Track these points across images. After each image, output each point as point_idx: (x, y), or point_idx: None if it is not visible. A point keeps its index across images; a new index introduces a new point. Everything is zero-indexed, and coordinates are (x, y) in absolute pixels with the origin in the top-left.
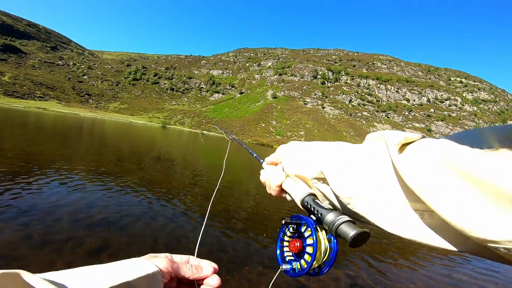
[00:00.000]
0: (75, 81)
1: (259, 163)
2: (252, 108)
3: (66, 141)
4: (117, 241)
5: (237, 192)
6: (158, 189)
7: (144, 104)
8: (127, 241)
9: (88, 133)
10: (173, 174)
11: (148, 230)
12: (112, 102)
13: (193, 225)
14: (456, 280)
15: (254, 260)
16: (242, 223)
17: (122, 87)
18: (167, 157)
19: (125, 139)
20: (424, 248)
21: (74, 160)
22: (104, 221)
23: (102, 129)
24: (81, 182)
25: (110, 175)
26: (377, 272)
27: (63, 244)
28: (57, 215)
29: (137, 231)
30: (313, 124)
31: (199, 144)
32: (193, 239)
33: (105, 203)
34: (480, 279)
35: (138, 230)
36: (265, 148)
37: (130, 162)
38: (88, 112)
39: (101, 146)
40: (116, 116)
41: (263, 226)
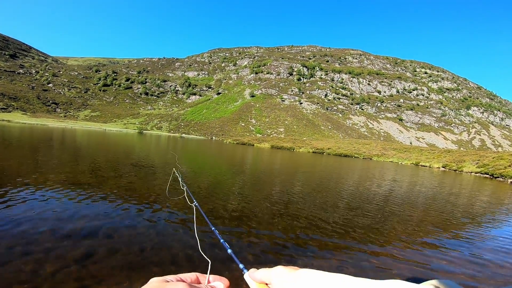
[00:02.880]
0: (40, 90)
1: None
2: (230, 108)
3: (36, 153)
4: (100, 251)
5: (221, 192)
6: (139, 196)
7: (118, 110)
8: (111, 249)
9: (59, 144)
10: (153, 180)
11: (133, 237)
12: (82, 110)
13: (179, 228)
14: (436, 266)
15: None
16: (228, 221)
17: (92, 94)
18: (145, 163)
19: (99, 147)
20: (401, 237)
21: (47, 173)
22: (84, 231)
23: (74, 139)
24: (55, 194)
25: (86, 185)
26: (359, 264)
27: (44, 256)
28: (33, 229)
29: (122, 239)
30: (291, 120)
31: (179, 147)
32: (181, 244)
33: (84, 213)
34: (460, 264)
35: (122, 238)
36: (246, 147)
37: (107, 171)
38: (56, 122)
39: (74, 157)
40: (88, 125)
41: (248, 220)
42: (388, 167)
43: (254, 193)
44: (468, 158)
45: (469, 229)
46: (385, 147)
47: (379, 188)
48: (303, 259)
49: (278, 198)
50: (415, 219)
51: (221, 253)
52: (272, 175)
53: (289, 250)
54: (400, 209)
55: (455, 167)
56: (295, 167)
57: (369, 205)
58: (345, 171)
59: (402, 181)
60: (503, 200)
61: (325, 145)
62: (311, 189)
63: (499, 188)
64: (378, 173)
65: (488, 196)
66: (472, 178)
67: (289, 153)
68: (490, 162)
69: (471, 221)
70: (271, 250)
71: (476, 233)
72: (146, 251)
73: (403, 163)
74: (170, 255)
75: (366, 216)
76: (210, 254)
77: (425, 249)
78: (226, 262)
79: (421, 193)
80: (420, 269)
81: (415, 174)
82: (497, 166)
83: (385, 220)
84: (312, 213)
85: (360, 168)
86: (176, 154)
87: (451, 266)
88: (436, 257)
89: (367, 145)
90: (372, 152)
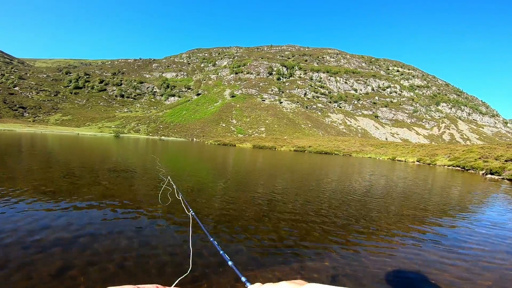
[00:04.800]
0: (6, 94)
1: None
2: (210, 109)
3: (3, 161)
4: (77, 263)
5: (207, 194)
6: (117, 202)
7: (91, 113)
8: (90, 261)
9: (29, 150)
10: (132, 185)
11: (113, 246)
12: (53, 114)
13: (160, 235)
14: (426, 260)
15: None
16: (216, 224)
17: (63, 97)
18: (123, 168)
19: (73, 153)
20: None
21: (16, 181)
22: (59, 242)
23: (45, 144)
24: (26, 204)
25: (60, 192)
26: (349, 259)
27: (15, 272)
28: (6, 241)
29: (100, 249)
30: (272, 119)
31: (159, 150)
32: (171, 254)
33: (58, 223)
34: (445, 254)
35: (101, 248)
36: (228, 147)
37: (82, 177)
38: (25, 127)
39: (46, 163)
40: (60, 129)
41: (231, 224)
42: (367, 162)
43: (239, 194)
44: (440, 152)
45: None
46: (363, 143)
47: (367, 182)
48: (298, 261)
49: (264, 198)
50: (412, 211)
51: (219, 264)
52: (255, 175)
53: (282, 251)
54: (392, 203)
55: (428, 161)
56: (278, 166)
57: (352, 202)
58: (328, 167)
59: (397, 177)
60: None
61: (306, 143)
62: (296, 187)
63: (474, 180)
64: (359, 169)
65: (473, 188)
66: (446, 171)
67: (271, 152)
68: (461, 155)
69: (467, 209)
70: (263, 253)
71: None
72: (128, 261)
73: (381, 158)
74: (156, 267)
75: (354, 212)
76: (207, 266)
77: (422, 243)
78: (225, 274)
79: (418, 186)
80: (414, 265)
81: (396, 168)
82: (468, 159)
83: (377, 215)
84: (300, 212)
85: (341, 165)
86: (157, 157)
87: (443, 259)
88: (429, 251)
89: (346, 142)
90: (351, 148)
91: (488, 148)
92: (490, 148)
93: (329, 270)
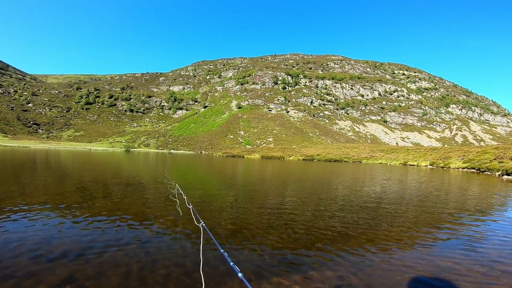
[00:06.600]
0: (19, 110)
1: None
2: (218, 121)
3: (19, 176)
4: (84, 272)
5: (216, 204)
6: (128, 214)
7: (102, 129)
8: (96, 271)
9: (44, 166)
10: (142, 197)
11: (120, 257)
12: (65, 130)
13: (168, 247)
14: (439, 265)
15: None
16: (226, 234)
17: (75, 112)
18: (133, 181)
19: (86, 168)
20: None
21: (31, 196)
22: (68, 253)
23: (59, 160)
24: (40, 217)
25: (73, 206)
26: (358, 267)
27: (23, 281)
28: (12, 251)
29: (108, 259)
30: (280, 129)
31: (168, 163)
32: (180, 265)
33: (69, 235)
34: (461, 259)
35: (108, 259)
36: (236, 159)
37: (94, 191)
38: (39, 144)
39: (60, 178)
40: (72, 145)
41: (242, 235)
42: (378, 168)
43: (248, 204)
44: (453, 155)
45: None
46: (373, 149)
47: (377, 188)
48: (307, 270)
49: (273, 208)
50: (429, 215)
51: (229, 276)
52: (264, 185)
53: (291, 261)
54: (403, 209)
55: (442, 164)
56: (287, 175)
57: (364, 208)
58: (337, 175)
59: (410, 181)
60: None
61: (315, 151)
62: (304, 197)
63: (491, 182)
64: (371, 175)
65: (490, 191)
66: (461, 174)
67: (279, 162)
68: (475, 157)
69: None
70: (272, 263)
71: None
72: (138, 272)
73: (392, 164)
74: (166, 277)
75: (365, 219)
76: (217, 278)
77: (433, 246)
78: (235, 287)
79: (432, 190)
80: (425, 273)
81: (409, 173)
82: (483, 160)
83: (388, 222)
84: (309, 220)
85: (351, 172)
86: (167, 170)
87: (457, 266)
88: (441, 256)
89: (355, 149)
90: (361, 155)
91: (503, 148)
92: (504, 148)
93: (334, 280)
